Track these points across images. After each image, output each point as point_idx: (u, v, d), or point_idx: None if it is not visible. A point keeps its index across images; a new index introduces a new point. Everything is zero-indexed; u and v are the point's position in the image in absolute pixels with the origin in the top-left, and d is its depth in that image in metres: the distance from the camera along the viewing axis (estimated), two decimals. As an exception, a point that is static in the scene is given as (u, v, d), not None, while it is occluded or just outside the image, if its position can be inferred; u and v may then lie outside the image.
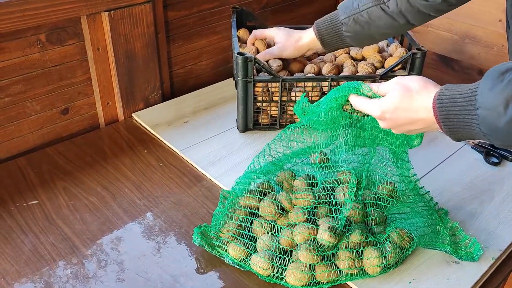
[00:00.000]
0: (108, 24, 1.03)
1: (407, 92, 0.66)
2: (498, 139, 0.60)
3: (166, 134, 1.09)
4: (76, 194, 0.91)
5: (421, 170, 0.98)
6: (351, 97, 0.73)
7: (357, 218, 0.77)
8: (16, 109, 1.00)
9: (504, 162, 1.03)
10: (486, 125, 0.59)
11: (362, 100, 0.72)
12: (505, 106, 0.57)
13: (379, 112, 0.69)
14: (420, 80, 0.67)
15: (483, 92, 0.59)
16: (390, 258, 0.74)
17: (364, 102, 0.71)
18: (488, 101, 0.58)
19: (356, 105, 0.73)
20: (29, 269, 0.76)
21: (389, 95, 0.68)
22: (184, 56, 1.28)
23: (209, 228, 0.81)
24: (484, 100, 0.59)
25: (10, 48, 0.94)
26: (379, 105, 0.69)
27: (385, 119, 0.69)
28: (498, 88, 0.57)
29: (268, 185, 0.82)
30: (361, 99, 0.72)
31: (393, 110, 0.67)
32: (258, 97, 1.06)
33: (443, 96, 0.63)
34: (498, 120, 0.57)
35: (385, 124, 0.70)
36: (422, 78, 0.68)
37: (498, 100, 0.57)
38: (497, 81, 0.58)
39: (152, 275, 0.75)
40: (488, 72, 0.60)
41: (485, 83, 0.59)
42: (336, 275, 0.73)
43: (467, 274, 0.77)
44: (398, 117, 0.68)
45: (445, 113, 0.63)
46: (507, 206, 0.91)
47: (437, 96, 0.64)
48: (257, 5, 1.39)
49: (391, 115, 0.68)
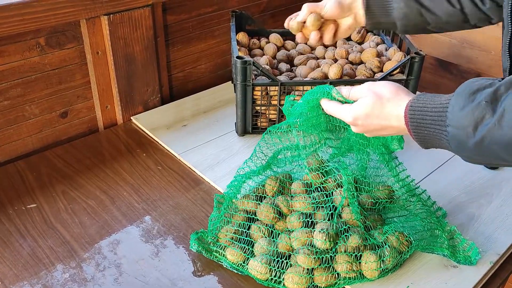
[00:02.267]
0: (108, 28, 1.04)
1: (379, 99, 0.67)
2: (467, 157, 0.61)
3: (165, 137, 1.09)
4: (75, 197, 0.91)
5: (419, 174, 0.98)
6: (323, 102, 0.74)
7: (354, 221, 0.77)
8: (15, 113, 1.01)
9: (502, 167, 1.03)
10: (455, 143, 0.60)
11: (333, 105, 0.72)
12: (474, 128, 0.57)
13: (351, 118, 0.69)
14: (391, 87, 0.68)
15: (454, 111, 0.59)
16: (388, 262, 0.74)
17: (336, 107, 0.72)
18: (458, 120, 0.58)
19: (327, 110, 0.73)
20: (28, 272, 0.76)
21: (361, 101, 0.68)
22: (183, 59, 1.28)
23: (205, 233, 0.81)
24: (454, 119, 0.59)
25: (10, 51, 0.95)
26: (351, 112, 0.69)
27: (357, 125, 0.70)
28: (468, 109, 0.57)
29: (264, 190, 0.82)
30: (332, 104, 0.72)
31: (365, 117, 0.68)
32: (257, 101, 1.06)
33: (415, 107, 0.64)
34: (467, 140, 0.58)
35: (357, 129, 0.71)
36: (394, 85, 0.68)
37: (467, 121, 0.57)
38: (468, 101, 0.58)
39: (150, 278, 0.75)
40: (460, 88, 0.60)
41: (456, 100, 0.59)
42: (334, 279, 0.73)
43: (465, 278, 0.77)
44: (369, 123, 0.69)
45: (416, 124, 0.63)
46: (505, 210, 0.91)
47: (409, 106, 0.64)
48: (256, 9, 1.40)
49: (363, 121, 0.69)
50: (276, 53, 1.20)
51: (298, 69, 1.12)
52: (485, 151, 0.57)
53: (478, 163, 0.64)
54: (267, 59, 1.14)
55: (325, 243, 0.72)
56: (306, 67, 1.12)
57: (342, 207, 0.77)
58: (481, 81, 0.59)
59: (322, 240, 0.72)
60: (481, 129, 0.56)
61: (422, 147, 0.66)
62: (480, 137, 0.57)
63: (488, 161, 0.61)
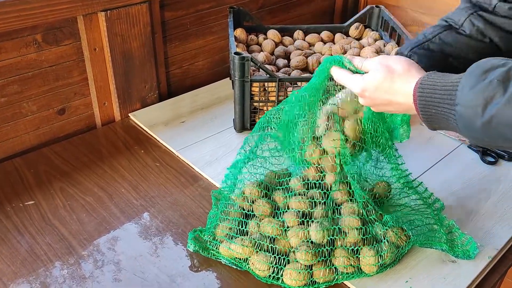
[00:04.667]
0: (105, 24, 1.03)
1: (389, 73, 0.66)
2: (473, 138, 0.60)
3: (163, 134, 1.09)
4: (73, 194, 0.91)
5: (417, 170, 0.98)
6: (333, 69, 0.72)
7: (353, 208, 0.76)
8: (12, 110, 1.00)
9: (501, 162, 1.03)
10: (462, 122, 0.59)
11: (344, 74, 0.71)
12: (483, 107, 0.56)
13: (360, 89, 0.68)
14: (404, 63, 0.66)
15: (463, 89, 0.58)
16: (386, 257, 0.74)
17: (346, 76, 0.70)
18: (468, 99, 0.57)
19: (337, 78, 0.72)
20: (26, 269, 0.76)
21: (371, 74, 0.67)
22: (181, 56, 1.27)
23: (203, 231, 0.80)
24: (463, 98, 0.58)
25: (6, 48, 0.94)
26: (361, 83, 0.68)
27: (364, 96, 0.69)
28: (479, 87, 0.56)
29: (258, 191, 0.81)
30: (343, 72, 0.71)
31: (373, 90, 0.67)
32: (255, 97, 1.06)
33: (425, 84, 0.62)
34: (475, 120, 0.57)
35: (364, 101, 0.70)
36: (407, 61, 0.67)
37: (477, 100, 0.56)
38: (479, 80, 0.57)
39: (149, 275, 0.75)
40: (472, 67, 0.59)
41: (467, 79, 0.58)
42: (332, 274, 0.73)
43: (464, 273, 0.77)
44: (377, 97, 0.67)
45: (425, 103, 0.62)
46: (503, 205, 0.91)
47: (419, 83, 0.63)
48: (254, 5, 1.39)
49: (371, 94, 0.68)
50: (274, 49, 1.20)
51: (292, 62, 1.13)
52: (493, 132, 0.56)
53: (485, 145, 0.62)
54: (264, 55, 1.14)
55: (318, 233, 0.72)
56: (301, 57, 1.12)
57: (342, 203, 0.77)
58: (494, 61, 0.58)
59: (315, 231, 0.72)
60: (491, 108, 0.55)
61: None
62: (488, 116, 0.55)
63: (494, 142, 0.59)
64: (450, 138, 1.10)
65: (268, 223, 0.76)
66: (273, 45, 1.20)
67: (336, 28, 1.29)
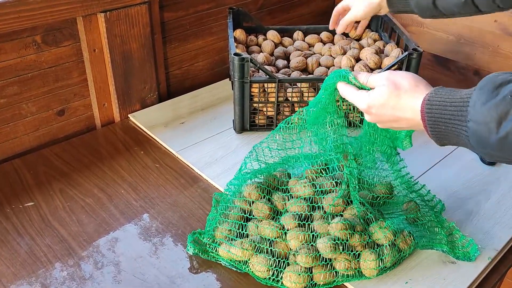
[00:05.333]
0: (104, 25, 1.03)
1: (396, 90, 0.65)
2: (486, 154, 0.59)
3: (162, 135, 1.09)
4: (72, 195, 0.91)
5: (417, 171, 0.98)
6: (339, 85, 0.72)
7: (354, 214, 0.76)
8: (12, 111, 1.00)
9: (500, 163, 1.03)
10: (475, 139, 0.58)
11: (350, 90, 0.70)
12: (497, 123, 0.55)
13: (366, 106, 0.68)
14: (411, 79, 0.66)
15: (476, 105, 0.57)
16: (387, 261, 0.74)
17: (352, 92, 0.70)
18: (481, 115, 0.56)
19: (343, 93, 0.72)
20: (25, 271, 0.75)
21: (378, 90, 0.67)
22: (181, 57, 1.27)
23: (202, 233, 0.80)
24: (476, 114, 0.57)
25: (6, 49, 0.94)
26: (366, 99, 0.67)
27: (371, 113, 0.68)
28: (491, 103, 0.55)
29: (258, 194, 0.81)
30: (349, 89, 0.71)
31: (380, 106, 0.66)
32: (255, 98, 1.06)
33: (433, 101, 0.61)
34: (489, 136, 0.56)
35: (370, 118, 0.70)
36: (414, 77, 0.66)
37: (491, 116, 0.55)
38: (492, 95, 0.56)
39: (148, 276, 0.75)
40: (482, 82, 0.58)
41: (478, 95, 0.57)
42: (333, 277, 0.73)
43: (464, 274, 0.77)
44: (383, 114, 0.67)
45: (434, 120, 0.61)
46: (503, 206, 0.91)
47: (427, 100, 0.62)
48: (253, 6, 1.39)
49: (377, 110, 0.67)
50: (273, 50, 1.20)
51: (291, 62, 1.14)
52: (508, 147, 0.55)
53: (496, 160, 0.61)
54: (264, 56, 1.14)
55: (326, 246, 0.72)
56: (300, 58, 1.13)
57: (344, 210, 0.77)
58: (505, 75, 0.57)
59: (323, 243, 0.72)
60: (506, 125, 0.54)
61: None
62: (504, 133, 0.54)
63: (509, 158, 0.58)
64: (450, 138, 1.10)
65: (267, 225, 0.76)
66: (272, 46, 1.20)
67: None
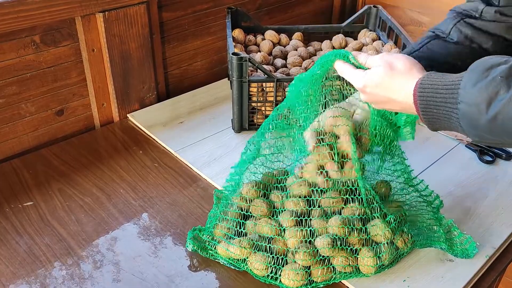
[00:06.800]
0: (103, 25, 1.03)
1: (390, 70, 0.65)
2: (476, 136, 0.59)
3: (161, 134, 1.09)
4: (71, 195, 0.91)
5: (415, 169, 0.97)
6: (337, 62, 0.72)
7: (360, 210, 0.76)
8: (11, 111, 1.00)
9: (498, 161, 1.03)
10: (466, 121, 0.58)
11: (347, 68, 0.71)
12: (487, 104, 0.55)
13: (361, 84, 0.68)
14: (406, 61, 0.66)
15: (466, 87, 0.57)
16: (385, 259, 0.74)
17: (349, 70, 0.70)
18: (471, 96, 0.57)
19: (341, 71, 0.72)
20: (25, 270, 0.76)
21: (373, 70, 0.67)
22: (179, 56, 1.28)
23: (203, 230, 0.81)
24: (466, 95, 0.57)
25: (5, 49, 0.94)
26: (363, 78, 0.68)
27: (365, 92, 0.69)
28: (482, 84, 0.56)
29: (256, 191, 0.81)
30: (347, 67, 0.71)
31: (374, 86, 0.67)
32: (253, 97, 1.06)
33: (425, 84, 0.62)
34: (479, 117, 0.56)
35: (365, 97, 0.70)
36: (409, 60, 0.66)
37: (481, 97, 0.56)
38: (482, 77, 0.56)
39: (147, 275, 0.75)
40: (473, 65, 0.59)
41: (469, 77, 0.58)
42: (330, 273, 0.73)
43: (461, 272, 0.77)
44: (377, 93, 0.67)
45: (425, 103, 0.62)
46: (501, 204, 0.91)
47: (419, 83, 0.62)
48: (252, 6, 1.40)
49: (371, 90, 0.67)
50: (271, 50, 1.20)
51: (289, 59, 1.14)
52: (498, 129, 0.56)
53: (487, 143, 0.61)
54: (262, 56, 1.14)
55: (324, 241, 0.72)
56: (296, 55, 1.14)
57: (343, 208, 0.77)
58: (496, 58, 0.58)
59: (321, 239, 0.72)
60: (495, 105, 0.55)
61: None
62: (493, 113, 0.55)
63: (499, 139, 0.58)
64: (448, 137, 1.11)
65: (265, 223, 0.76)
66: (271, 45, 1.20)
67: (334, 28, 1.29)
